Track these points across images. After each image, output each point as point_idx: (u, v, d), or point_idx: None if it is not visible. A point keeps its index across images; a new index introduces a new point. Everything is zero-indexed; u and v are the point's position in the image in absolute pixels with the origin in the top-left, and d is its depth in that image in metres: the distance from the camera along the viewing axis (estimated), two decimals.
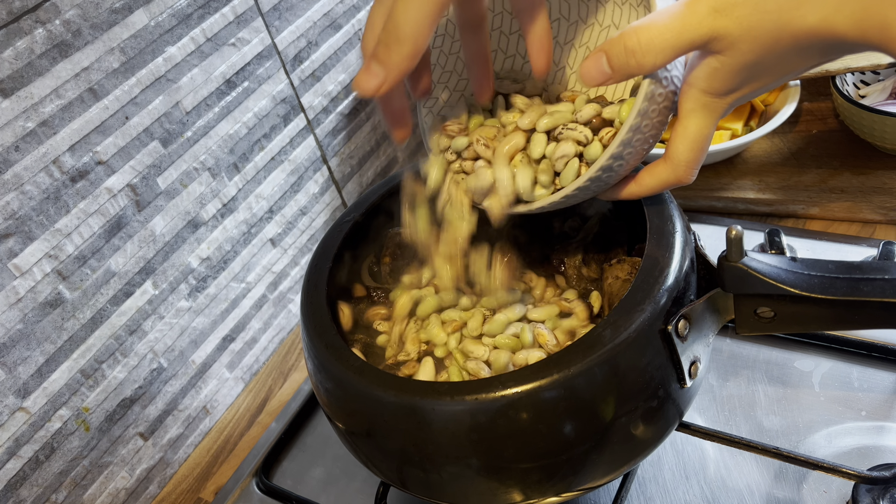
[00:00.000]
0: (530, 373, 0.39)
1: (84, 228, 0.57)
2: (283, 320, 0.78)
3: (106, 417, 0.61)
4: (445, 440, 0.41)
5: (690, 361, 0.43)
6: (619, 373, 0.40)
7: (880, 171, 0.70)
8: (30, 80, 0.52)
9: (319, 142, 0.78)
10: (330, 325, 0.47)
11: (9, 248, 0.52)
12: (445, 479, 0.43)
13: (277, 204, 0.74)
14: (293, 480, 0.64)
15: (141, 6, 0.58)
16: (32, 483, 0.56)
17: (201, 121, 0.65)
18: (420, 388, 0.41)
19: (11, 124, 0.51)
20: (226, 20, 0.65)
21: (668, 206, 0.47)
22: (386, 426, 0.43)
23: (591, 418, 0.40)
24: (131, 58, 0.58)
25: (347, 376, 0.43)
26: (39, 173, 0.53)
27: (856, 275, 0.43)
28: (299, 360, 0.76)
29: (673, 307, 0.42)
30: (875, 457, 0.52)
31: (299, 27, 0.73)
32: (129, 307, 0.61)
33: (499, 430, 0.40)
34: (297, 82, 0.74)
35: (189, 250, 0.66)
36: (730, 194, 0.73)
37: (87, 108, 0.55)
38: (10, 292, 0.53)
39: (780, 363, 0.60)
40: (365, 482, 0.62)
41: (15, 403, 0.54)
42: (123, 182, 0.59)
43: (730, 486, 0.53)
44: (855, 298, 0.42)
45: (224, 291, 0.70)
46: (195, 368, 0.69)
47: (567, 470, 0.42)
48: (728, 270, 0.44)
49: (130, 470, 0.64)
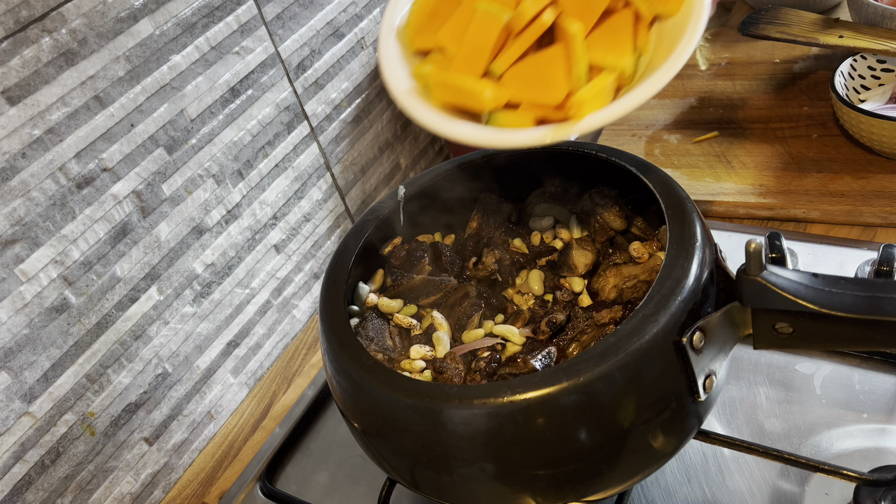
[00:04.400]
0: (540, 379, 0.39)
1: (90, 234, 0.57)
2: (287, 326, 0.78)
3: (111, 422, 0.62)
4: (454, 443, 0.41)
5: (706, 375, 0.43)
6: (630, 383, 0.40)
7: (880, 175, 0.70)
8: (36, 87, 0.52)
9: (323, 149, 0.79)
10: (346, 324, 0.47)
11: (15, 254, 0.53)
12: (455, 482, 0.43)
13: (281, 210, 0.75)
14: (297, 485, 0.65)
15: (146, 15, 0.58)
16: (38, 487, 0.57)
17: (206, 128, 0.65)
18: (431, 390, 0.41)
19: (18, 131, 0.52)
20: (230, 29, 0.66)
21: (690, 215, 0.46)
22: (396, 426, 0.43)
23: (601, 427, 0.40)
24: (136, 66, 0.58)
25: (361, 375, 0.44)
26: (46, 180, 0.54)
27: (878, 293, 0.41)
28: (303, 366, 0.76)
29: (689, 319, 0.41)
30: (876, 459, 0.52)
31: (302, 36, 0.73)
32: (134, 313, 0.62)
33: (507, 435, 0.40)
34: (301, 90, 0.74)
35: (194, 256, 0.66)
36: (730, 198, 0.73)
37: (92, 116, 0.56)
38: (17, 297, 0.53)
39: (781, 366, 0.60)
40: (369, 487, 0.62)
41: (21, 408, 0.55)
42: (129, 189, 0.60)
43: (731, 489, 0.53)
44: (876, 318, 0.41)
45: (228, 297, 0.71)
46: (200, 374, 0.69)
47: (575, 479, 0.42)
48: (746, 284, 0.43)
49: (135, 475, 0.64)
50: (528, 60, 0.44)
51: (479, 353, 0.49)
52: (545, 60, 0.44)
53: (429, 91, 0.47)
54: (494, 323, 0.52)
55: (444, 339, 0.50)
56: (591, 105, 0.42)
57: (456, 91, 0.45)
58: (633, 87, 0.43)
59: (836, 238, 0.68)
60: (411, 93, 0.46)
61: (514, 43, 0.44)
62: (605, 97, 0.42)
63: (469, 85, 0.44)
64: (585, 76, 0.43)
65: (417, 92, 0.47)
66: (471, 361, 0.48)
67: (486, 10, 0.44)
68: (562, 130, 0.42)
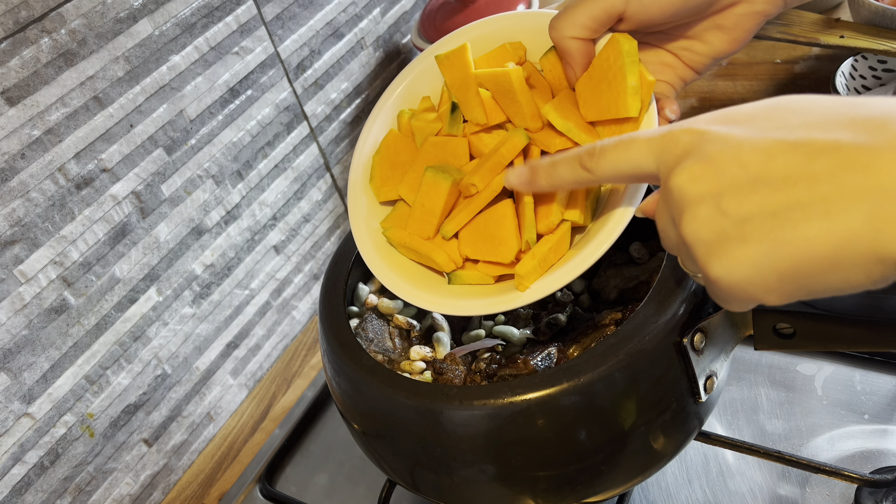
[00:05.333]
0: (540, 380, 0.39)
1: (89, 235, 0.57)
2: (286, 327, 0.78)
3: (110, 423, 0.61)
4: (454, 444, 0.41)
5: (706, 376, 0.42)
6: (631, 384, 0.40)
7: None
8: (35, 88, 0.52)
9: (322, 149, 0.79)
10: (346, 325, 0.47)
11: (14, 255, 0.53)
12: (455, 483, 0.43)
13: (281, 211, 0.75)
14: (297, 487, 0.65)
15: (145, 16, 0.58)
16: (37, 489, 0.57)
17: (205, 129, 0.65)
18: (431, 391, 0.41)
19: (17, 132, 0.52)
20: (229, 29, 0.65)
21: None
22: (396, 427, 0.43)
23: (602, 429, 0.40)
24: (136, 66, 0.58)
25: (360, 376, 0.44)
26: (45, 181, 0.54)
27: (879, 294, 0.42)
28: (303, 367, 0.76)
29: (689, 320, 0.41)
30: (878, 460, 0.52)
31: (302, 36, 0.73)
32: (133, 314, 0.62)
33: (507, 436, 0.40)
34: (300, 90, 0.74)
35: (193, 257, 0.66)
36: None
37: (92, 117, 0.56)
38: (16, 298, 0.53)
39: (782, 367, 0.60)
40: (368, 488, 0.62)
41: (20, 409, 0.55)
42: (128, 189, 0.60)
43: (732, 490, 0.53)
44: (878, 318, 0.41)
45: (228, 298, 0.70)
46: (199, 375, 0.69)
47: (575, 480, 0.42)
48: None
49: (135, 476, 0.64)
50: (481, 218, 0.45)
51: (479, 354, 0.48)
52: (496, 217, 0.44)
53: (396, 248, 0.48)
54: (494, 324, 0.52)
55: (445, 340, 0.50)
56: (531, 276, 0.42)
57: (416, 254, 0.46)
58: (586, 241, 0.42)
59: None
60: (379, 252, 0.48)
61: (464, 206, 0.45)
62: (544, 266, 0.42)
63: (425, 250, 0.46)
64: (534, 240, 0.43)
65: (385, 251, 0.48)
66: (471, 362, 0.48)
67: (433, 175, 0.45)
68: (509, 303, 0.42)
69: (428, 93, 0.50)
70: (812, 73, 0.85)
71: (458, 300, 0.44)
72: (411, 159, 0.48)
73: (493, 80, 0.45)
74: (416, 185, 0.47)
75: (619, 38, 0.41)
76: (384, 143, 0.49)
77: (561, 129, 0.43)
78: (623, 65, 0.40)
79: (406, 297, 0.45)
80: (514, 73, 0.44)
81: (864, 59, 0.75)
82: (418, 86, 0.50)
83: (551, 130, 0.45)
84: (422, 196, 0.46)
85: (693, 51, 0.44)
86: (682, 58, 0.44)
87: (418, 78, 0.50)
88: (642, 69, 0.41)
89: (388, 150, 0.49)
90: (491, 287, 0.45)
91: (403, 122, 0.50)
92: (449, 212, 0.46)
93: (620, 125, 0.42)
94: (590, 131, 0.43)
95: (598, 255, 0.40)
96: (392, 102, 0.50)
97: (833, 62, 0.83)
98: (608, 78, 0.42)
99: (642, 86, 0.41)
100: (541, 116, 0.45)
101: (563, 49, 0.43)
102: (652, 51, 0.45)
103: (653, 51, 0.45)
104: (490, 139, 0.46)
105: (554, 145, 0.44)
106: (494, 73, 0.45)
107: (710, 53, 0.43)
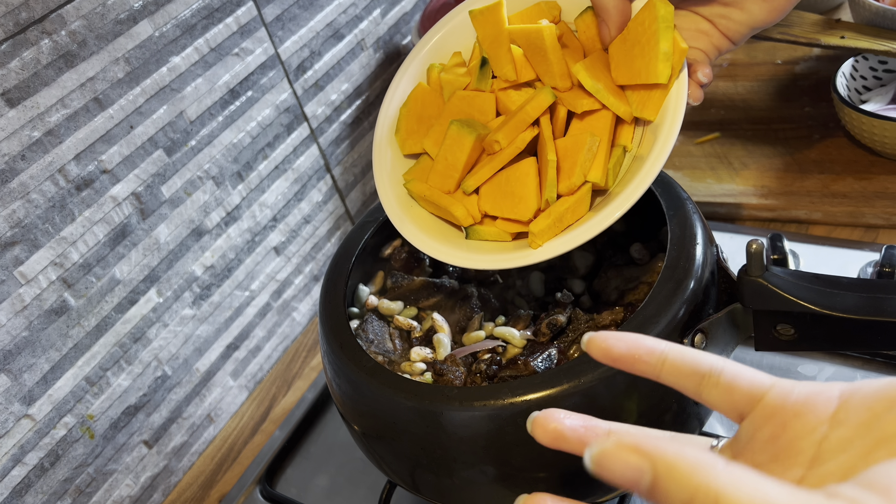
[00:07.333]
0: (541, 381, 0.39)
1: (89, 236, 0.57)
2: (286, 328, 0.78)
3: (110, 425, 0.61)
4: (454, 445, 0.41)
5: None
6: (631, 385, 0.40)
7: (882, 176, 0.70)
8: (36, 89, 0.52)
9: (323, 151, 0.79)
10: (346, 326, 0.47)
11: (15, 256, 0.53)
12: (456, 484, 0.43)
13: (281, 213, 0.75)
14: (297, 489, 0.64)
15: (145, 17, 0.58)
16: (37, 490, 0.56)
17: (205, 130, 0.65)
18: (431, 392, 0.41)
19: (17, 133, 0.52)
20: (229, 30, 0.65)
21: (691, 217, 0.46)
22: (396, 428, 0.43)
23: None
24: (136, 68, 0.58)
25: (361, 377, 0.44)
26: (45, 182, 0.54)
27: (880, 294, 0.41)
28: (303, 368, 0.76)
29: (690, 320, 0.41)
30: None
31: (302, 37, 0.73)
32: (133, 315, 0.62)
33: (508, 437, 0.40)
34: (301, 92, 0.74)
35: (193, 258, 0.66)
36: (732, 200, 0.73)
37: (92, 118, 0.56)
38: (16, 300, 0.53)
39: (783, 368, 0.59)
40: (369, 490, 0.62)
41: (20, 410, 0.55)
42: (128, 191, 0.59)
43: None
44: (879, 319, 0.40)
45: (228, 300, 0.70)
46: (199, 376, 0.69)
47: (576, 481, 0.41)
48: (747, 285, 0.43)
49: (135, 478, 0.64)
50: (503, 174, 0.45)
51: (479, 356, 0.48)
52: (518, 175, 0.44)
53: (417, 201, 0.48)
54: (495, 325, 0.52)
55: (445, 342, 0.50)
56: (545, 235, 0.42)
57: (435, 207, 0.47)
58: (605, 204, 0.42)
59: (838, 239, 0.68)
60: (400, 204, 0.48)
61: (487, 162, 0.45)
62: (559, 226, 0.42)
63: (444, 204, 0.46)
64: (554, 200, 0.43)
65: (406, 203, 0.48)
66: (471, 363, 0.48)
67: (458, 129, 0.45)
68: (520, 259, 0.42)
69: (459, 48, 0.50)
70: (813, 74, 0.85)
71: (472, 254, 0.44)
72: (438, 113, 0.48)
73: (526, 36, 0.45)
74: (441, 138, 0.46)
75: (656, 1, 0.41)
76: (412, 96, 0.49)
77: (590, 89, 0.43)
78: (657, 30, 0.40)
79: (422, 248, 0.45)
80: (546, 31, 0.44)
81: (865, 60, 0.75)
82: (449, 41, 0.50)
83: (580, 91, 0.44)
84: (445, 150, 0.45)
85: (730, 18, 0.43)
86: (719, 25, 0.44)
87: (449, 33, 0.50)
88: (676, 35, 0.41)
89: (415, 103, 0.49)
90: (507, 244, 0.44)
91: (433, 76, 0.49)
92: (471, 167, 0.46)
93: (649, 91, 0.42)
94: (619, 94, 0.43)
95: (613, 218, 0.40)
96: (422, 57, 0.50)
97: (834, 63, 0.83)
98: (641, 42, 0.41)
99: (674, 52, 0.41)
100: (570, 76, 0.45)
101: (600, 4, 0.42)
102: (689, 16, 0.44)
103: (690, 16, 0.44)
104: (518, 96, 0.46)
105: (581, 106, 0.44)
106: (527, 29, 0.44)
107: (748, 22, 0.43)
